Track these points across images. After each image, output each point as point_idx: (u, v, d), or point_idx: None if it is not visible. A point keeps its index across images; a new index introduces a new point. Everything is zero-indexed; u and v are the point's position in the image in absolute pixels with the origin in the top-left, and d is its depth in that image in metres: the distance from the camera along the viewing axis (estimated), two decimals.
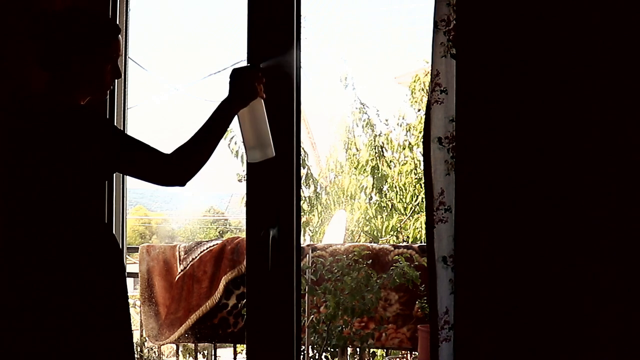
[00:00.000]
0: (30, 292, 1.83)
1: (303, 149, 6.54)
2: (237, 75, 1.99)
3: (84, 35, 1.89)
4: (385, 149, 6.94)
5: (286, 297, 2.25)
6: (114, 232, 2.46)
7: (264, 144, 2.00)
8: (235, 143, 6.34)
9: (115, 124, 2.26)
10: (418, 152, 6.63)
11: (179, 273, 3.97)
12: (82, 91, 1.93)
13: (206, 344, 4.58)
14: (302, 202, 6.34)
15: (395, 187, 6.71)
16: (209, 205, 14.55)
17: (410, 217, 6.49)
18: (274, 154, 1.99)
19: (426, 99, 3.96)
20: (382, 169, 6.80)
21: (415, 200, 6.57)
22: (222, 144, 6.42)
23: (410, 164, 6.66)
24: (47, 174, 1.85)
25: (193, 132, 1.91)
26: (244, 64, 2.29)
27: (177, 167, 1.90)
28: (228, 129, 1.95)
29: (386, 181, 6.79)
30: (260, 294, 2.28)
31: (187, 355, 5.07)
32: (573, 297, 1.96)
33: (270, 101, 2.27)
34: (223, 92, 1.94)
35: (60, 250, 1.85)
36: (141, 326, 4.17)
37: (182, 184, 1.93)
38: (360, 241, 6.57)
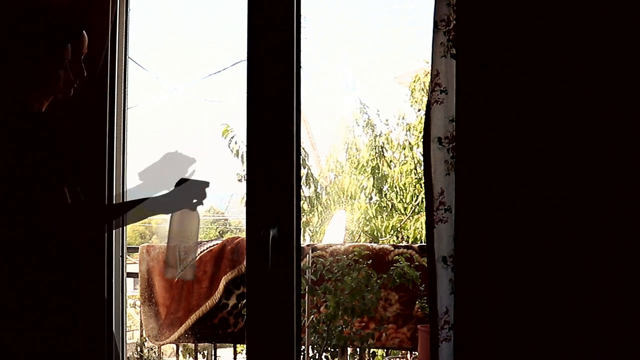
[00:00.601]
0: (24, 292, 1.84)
1: (303, 149, 6.53)
2: (181, 182, 2.05)
3: (37, 36, 1.90)
4: (385, 149, 6.94)
5: (286, 297, 2.25)
6: (113, 232, 2.46)
7: (180, 265, 2.02)
8: (236, 143, 6.34)
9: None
10: (418, 152, 6.63)
11: None
12: (41, 91, 1.95)
13: (206, 344, 4.58)
14: (302, 202, 6.34)
15: (395, 187, 6.71)
16: (209, 205, 14.54)
17: (410, 217, 6.49)
18: (192, 278, 1.98)
19: (426, 99, 3.96)
20: (382, 169, 6.80)
21: (415, 200, 6.58)
22: (222, 143, 6.43)
23: (410, 163, 6.67)
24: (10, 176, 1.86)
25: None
26: (244, 64, 2.29)
27: (89, 218, 1.95)
28: (228, 130, 1.96)
29: (386, 181, 6.80)
30: (260, 294, 2.28)
31: (187, 355, 5.07)
32: (573, 296, 1.96)
33: (271, 101, 2.27)
34: (223, 92, 1.95)
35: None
36: (141, 326, 4.17)
37: (79, 232, 1.94)
38: (360, 241, 6.56)
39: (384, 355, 4.44)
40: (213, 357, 4.66)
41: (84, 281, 2.01)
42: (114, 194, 2.47)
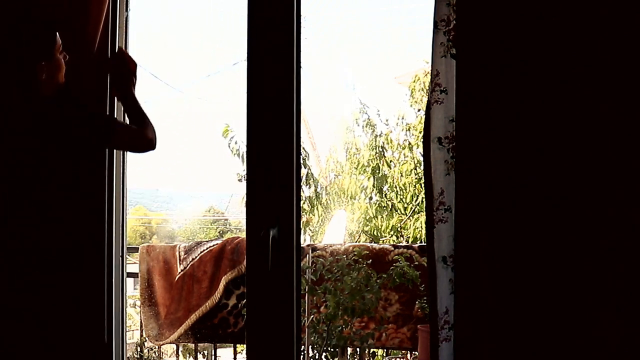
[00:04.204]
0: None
1: (303, 149, 6.53)
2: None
3: (43, 45, 2.10)
4: (385, 149, 6.94)
5: (286, 297, 2.25)
6: (113, 232, 2.47)
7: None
8: (236, 143, 6.34)
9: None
10: (418, 152, 6.63)
11: (179, 273, 3.97)
12: (57, 79, 2.15)
13: (206, 344, 4.58)
14: (302, 202, 6.33)
15: (396, 187, 6.71)
16: (209, 205, 14.57)
17: (410, 217, 6.49)
18: None
19: (426, 99, 3.95)
20: (382, 169, 6.80)
21: (415, 200, 6.58)
22: (222, 143, 6.43)
23: (410, 163, 6.67)
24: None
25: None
26: (244, 64, 2.30)
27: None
28: (228, 130, 1.97)
29: (386, 181, 6.79)
30: (260, 294, 2.28)
31: (187, 355, 5.08)
32: (573, 296, 1.96)
33: (271, 101, 2.27)
34: (223, 92, 1.95)
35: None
36: (141, 326, 4.17)
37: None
38: (360, 241, 6.57)
39: (384, 355, 4.44)
40: (213, 357, 4.66)
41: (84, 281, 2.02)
42: (114, 193, 2.47)
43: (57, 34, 2.14)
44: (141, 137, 2.21)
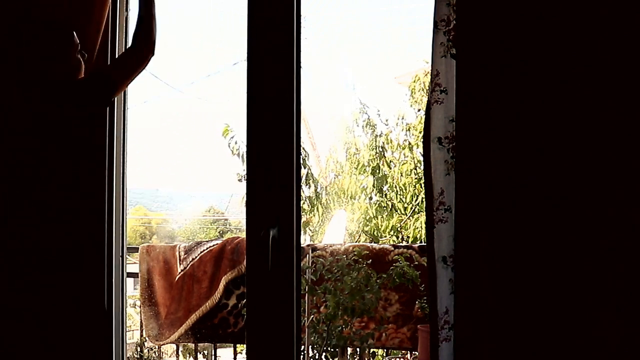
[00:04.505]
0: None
1: (303, 149, 6.53)
2: None
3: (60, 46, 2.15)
4: (385, 149, 6.94)
5: (286, 297, 2.25)
6: (113, 232, 2.47)
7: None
8: (236, 143, 6.34)
9: None
10: (418, 152, 6.63)
11: (179, 273, 3.97)
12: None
13: (206, 344, 4.58)
14: (302, 202, 6.33)
15: (396, 187, 6.71)
16: (209, 205, 14.58)
17: (410, 217, 6.49)
18: None
19: (426, 99, 3.96)
20: (382, 169, 6.80)
21: (415, 200, 6.57)
22: (222, 143, 6.43)
23: (410, 163, 6.66)
24: None
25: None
26: (244, 64, 2.30)
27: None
28: (228, 130, 1.96)
29: (386, 181, 6.79)
30: (260, 294, 2.28)
31: (187, 355, 5.08)
32: (573, 296, 1.96)
33: (271, 101, 2.27)
34: (223, 92, 1.96)
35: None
36: (141, 326, 4.17)
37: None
38: (360, 241, 6.56)
39: (384, 355, 4.44)
40: (213, 357, 4.66)
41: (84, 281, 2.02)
42: (114, 193, 2.47)
43: (75, 34, 2.15)
44: (141, 65, 2.26)
